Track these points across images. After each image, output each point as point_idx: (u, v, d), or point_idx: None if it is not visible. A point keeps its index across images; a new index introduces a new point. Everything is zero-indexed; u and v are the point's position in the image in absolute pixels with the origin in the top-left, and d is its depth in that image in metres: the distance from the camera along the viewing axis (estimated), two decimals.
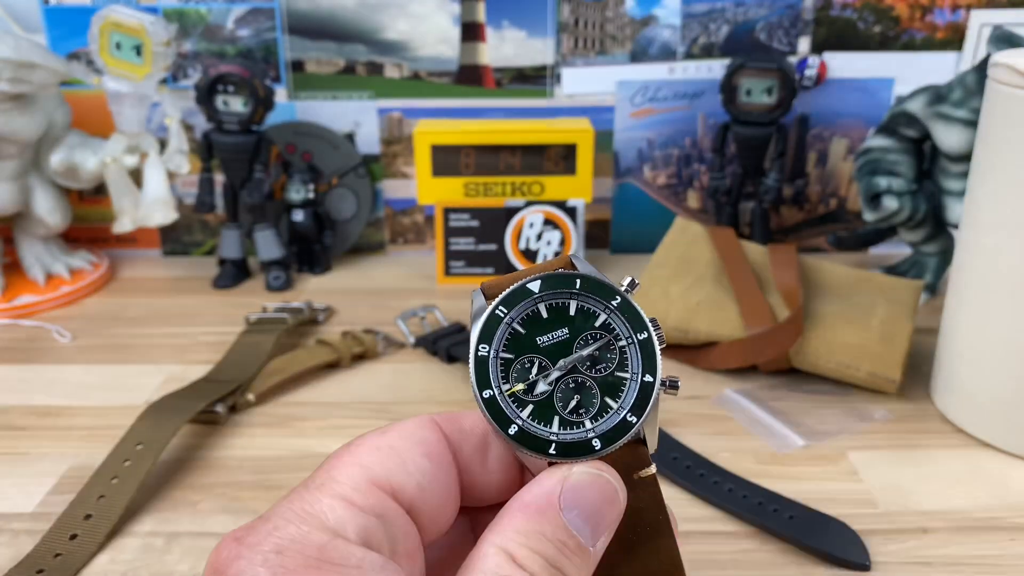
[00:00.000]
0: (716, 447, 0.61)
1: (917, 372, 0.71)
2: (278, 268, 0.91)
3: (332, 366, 0.73)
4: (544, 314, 0.29)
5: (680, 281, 0.77)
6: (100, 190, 0.95)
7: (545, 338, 0.29)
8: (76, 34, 0.92)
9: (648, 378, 0.29)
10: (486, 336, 0.29)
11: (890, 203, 0.81)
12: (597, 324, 0.30)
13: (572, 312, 0.30)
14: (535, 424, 0.28)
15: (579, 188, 0.91)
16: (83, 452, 0.60)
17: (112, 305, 0.87)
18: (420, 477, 0.28)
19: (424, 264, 0.98)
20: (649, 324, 0.30)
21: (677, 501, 0.56)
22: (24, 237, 0.90)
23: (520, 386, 0.29)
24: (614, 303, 0.30)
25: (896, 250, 0.97)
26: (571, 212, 0.90)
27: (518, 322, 0.29)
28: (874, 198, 0.83)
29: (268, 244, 0.91)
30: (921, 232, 0.85)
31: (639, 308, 0.30)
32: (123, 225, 0.89)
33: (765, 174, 0.92)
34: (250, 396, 0.67)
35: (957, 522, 0.53)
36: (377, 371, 0.73)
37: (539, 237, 0.91)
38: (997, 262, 0.59)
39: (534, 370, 0.29)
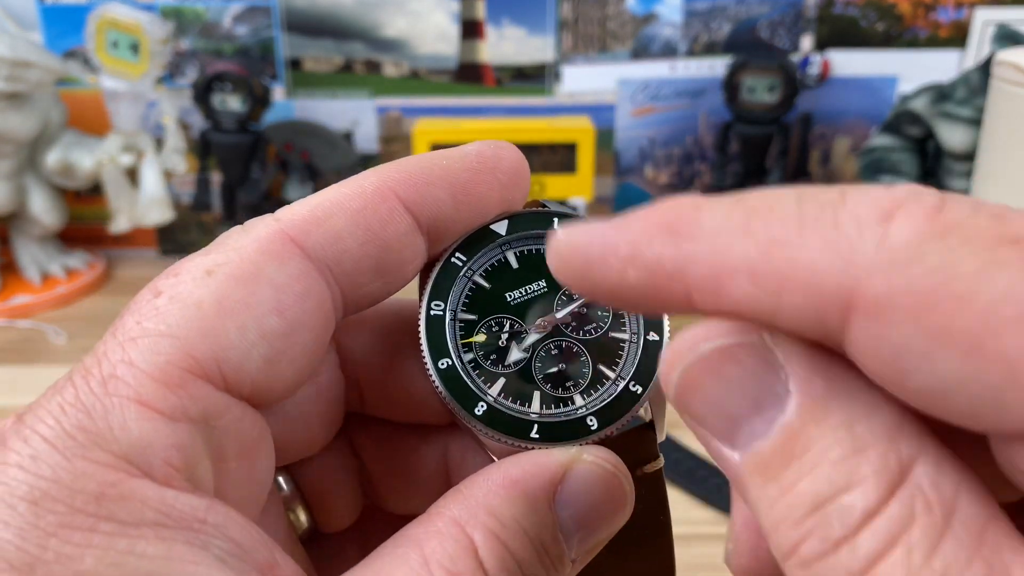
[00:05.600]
0: None
1: None
2: None
3: None
4: (514, 264, 0.23)
5: None
6: (96, 189, 0.94)
7: (517, 293, 0.23)
8: (72, 32, 0.91)
9: (653, 337, 0.23)
10: (440, 291, 0.23)
11: None
12: None
13: None
14: (509, 402, 0.22)
15: (580, 187, 0.91)
16: None
17: (108, 305, 0.86)
18: (266, 347, 0.19)
19: None
20: None
21: (679, 504, 0.55)
22: (20, 237, 0.89)
23: (480, 337, 0.23)
24: None
25: None
26: None
27: (481, 274, 0.23)
28: None
29: None
30: None
31: None
32: (120, 224, 0.88)
33: (767, 173, 0.91)
34: None
35: None
36: None
37: None
38: None
39: (504, 334, 0.23)
